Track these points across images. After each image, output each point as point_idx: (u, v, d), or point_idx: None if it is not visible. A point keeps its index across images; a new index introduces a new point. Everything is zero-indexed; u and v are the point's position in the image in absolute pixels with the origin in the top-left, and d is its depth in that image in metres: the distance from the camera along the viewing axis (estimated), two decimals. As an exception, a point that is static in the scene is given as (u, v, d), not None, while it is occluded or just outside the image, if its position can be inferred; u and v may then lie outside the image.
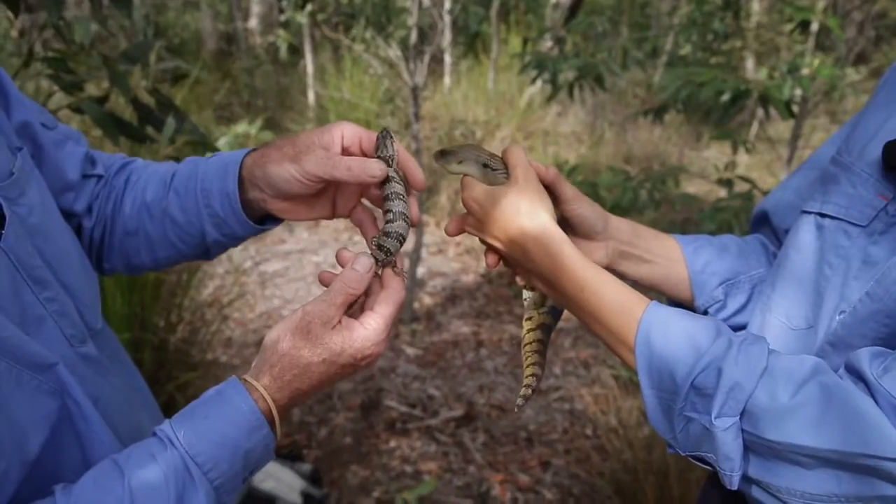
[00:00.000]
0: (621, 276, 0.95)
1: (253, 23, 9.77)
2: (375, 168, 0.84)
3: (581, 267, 0.82)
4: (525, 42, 7.59)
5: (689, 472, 2.24)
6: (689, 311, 0.79)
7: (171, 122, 1.49)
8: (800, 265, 0.85)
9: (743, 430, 0.70)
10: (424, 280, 4.52)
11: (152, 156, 1.57)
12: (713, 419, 0.70)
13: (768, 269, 1.00)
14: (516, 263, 0.90)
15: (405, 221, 0.86)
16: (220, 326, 3.11)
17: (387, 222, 0.86)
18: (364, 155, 0.88)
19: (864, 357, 0.69)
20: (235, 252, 4.61)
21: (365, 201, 0.96)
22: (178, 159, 1.29)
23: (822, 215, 0.83)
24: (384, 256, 0.84)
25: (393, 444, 2.95)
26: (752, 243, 1.03)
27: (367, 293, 0.84)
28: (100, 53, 1.40)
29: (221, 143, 2.47)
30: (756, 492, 0.74)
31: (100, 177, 0.99)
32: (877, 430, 0.64)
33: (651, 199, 2.57)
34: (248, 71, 7.41)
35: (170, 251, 0.99)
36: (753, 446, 0.70)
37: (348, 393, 3.30)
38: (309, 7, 3.66)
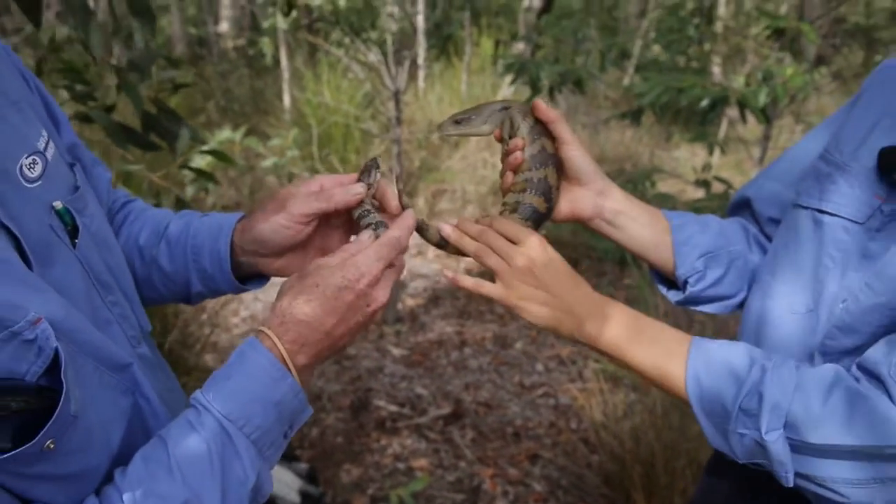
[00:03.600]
0: (609, 237, 1.06)
1: (224, 27, 9.73)
2: (357, 187, 0.90)
3: (620, 346, 0.92)
4: (497, 44, 7.70)
5: (675, 461, 2.34)
6: (722, 342, 0.89)
7: (185, 134, 1.54)
8: (799, 256, 0.94)
9: (788, 438, 0.81)
10: (406, 282, 4.58)
11: (166, 167, 1.62)
12: (763, 434, 0.82)
13: (746, 247, 1.10)
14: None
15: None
16: (212, 331, 3.15)
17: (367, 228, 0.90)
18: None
19: (880, 359, 0.80)
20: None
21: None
22: (199, 170, 1.34)
23: (821, 212, 0.92)
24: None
25: (384, 442, 3.01)
26: (733, 224, 1.13)
27: None
28: (112, 65, 1.45)
29: (205, 149, 2.51)
30: (804, 483, 0.84)
31: (109, 207, 1.05)
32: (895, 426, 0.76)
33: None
34: (223, 75, 7.40)
35: (152, 293, 1.05)
36: (799, 449, 0.82)
37: (338, 394, 3.35)
38: (293, 13, 3.70)
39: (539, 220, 1.00)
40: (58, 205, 0.78)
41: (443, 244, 0.99)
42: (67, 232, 0.79)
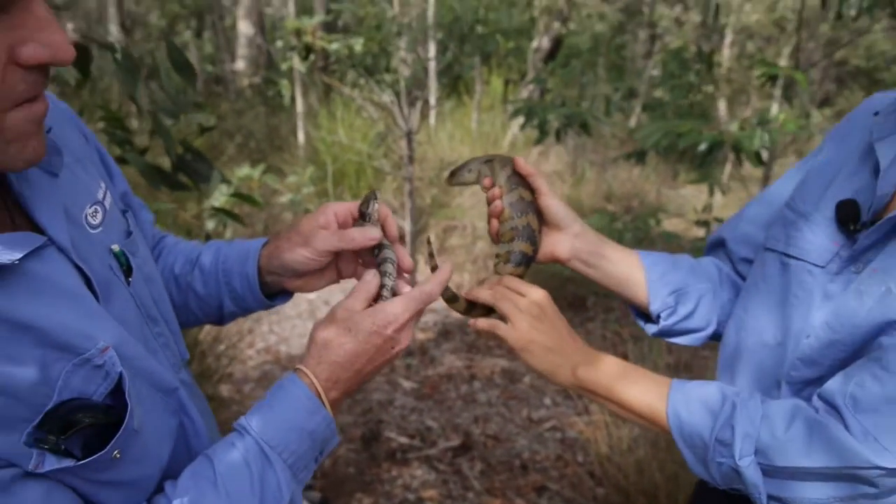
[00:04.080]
0: (587, 275, 1.18)
1: (240, 65, 9.98)
2: (374, 231, 1.01)
3: (609, 386, 1.04)
4: (507, 83, 7.88)
5: (677, 493, 2.40)
6: (698, 382, 1.01)
7: (216, 176, 1.66)
8: (769, 295, 1.05)
9: (759, 463, 0.92)
10: (416, 315, 4.68)
11: (198, 206, 1.73)
12: (737, 461, 0.92)
13: (717, 285, 1.21)
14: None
15: (392, 274, 1.00)
16: (229, 363, 3.24)
17: (382, 266, 1.01)
18: (353, 219, 1.05)
19: (836, 390, 0.90)
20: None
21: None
22: (230, 213, 1.46)
23: (787, 255, 1.03)
24: (386, 293, 0.99)
25: (394, 472, 3.08)
26: (706, 264, 1.24)
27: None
28: (149, 111, 1.57)
29: (232, 192, 2.63)
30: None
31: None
32: (850, 450, 0.86)
33: (634, 237, 2.77)
34: (239, 113, 7.60)
35: (188, 317, 1.16)
36: (769, 472, 0.92)
37: (350, 425, 3.43)
38: (311, 57, 3.88)
39: (529, 262, 1.13)
40: (115, 248, 0.89)
41: (453, 300, 1.11)
42: (122, 271, 0.90)
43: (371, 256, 1.05)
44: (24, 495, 0.68)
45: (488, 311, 1.12)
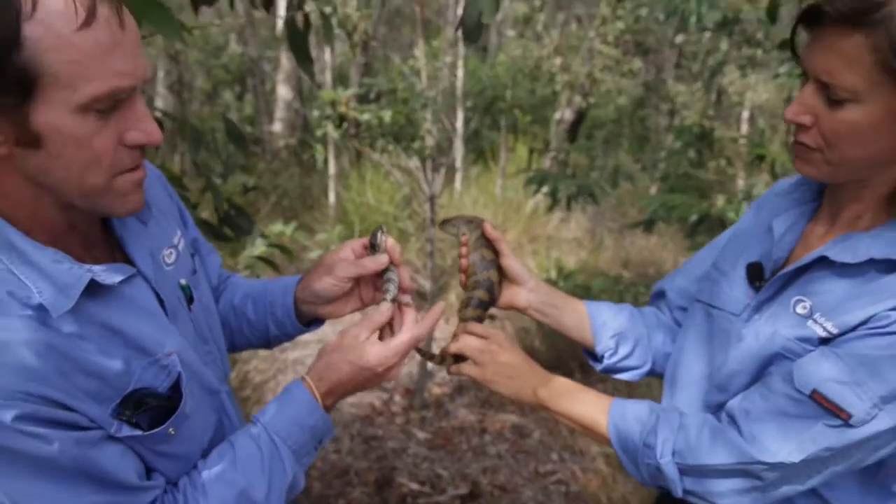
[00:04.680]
0: (541, 322, 1.42)
1: (277, 127, 10.46)
2: (383, 258, 1.25)
3: (562, 403, 1.27)
4: (531, 152, 8.21)
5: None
6: (633, 400, 1.24)
7: (256, 231, 1.93)
8: (697, 337, 1.29)
9: (676, 463, 1.14)
10: (434, 372, 4.86)
11: (233, 257, 1.99)
12: (658, 459, 1.15)
13: (653, 330, 1.44)
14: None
15: (396, 287, 1.24)
16: (253, 406, 3.46)
17: (387, 285, 1.25)
18: (364, 249, 1.29)
19: (734, 404, 1.15)
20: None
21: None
22: (265, 259, 1.71)
23: (711, 306, 1.27)
24: (391, 301, 1.22)
25: (404, 517, 3.24)
26: (646, 312, 1.47)
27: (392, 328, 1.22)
28: (203, 173, 1.85)
29: (260, 242, 2.91)
30: (693, 498, 1.16)
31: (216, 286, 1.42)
32: (741, 449, 1.09)
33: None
34: (275, 172, 8.00)
35: (242, 340, 1.42)
36: (684, 471, 1.14)
37: (364, 470, 3.60)
38: (344, 125, 4.22)
39: (486, 306, 1.37)
40: (183, 282, 1.15)
41: (430, 357, 1.36)
42: (186, 300, 1.15)
43: (381, 276, 1.29)
44: (108, 450, 0.93)
45: (459, 358, 1.35)
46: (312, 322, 1.37)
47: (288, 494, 1.09)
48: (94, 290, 0.94)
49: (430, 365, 4.79)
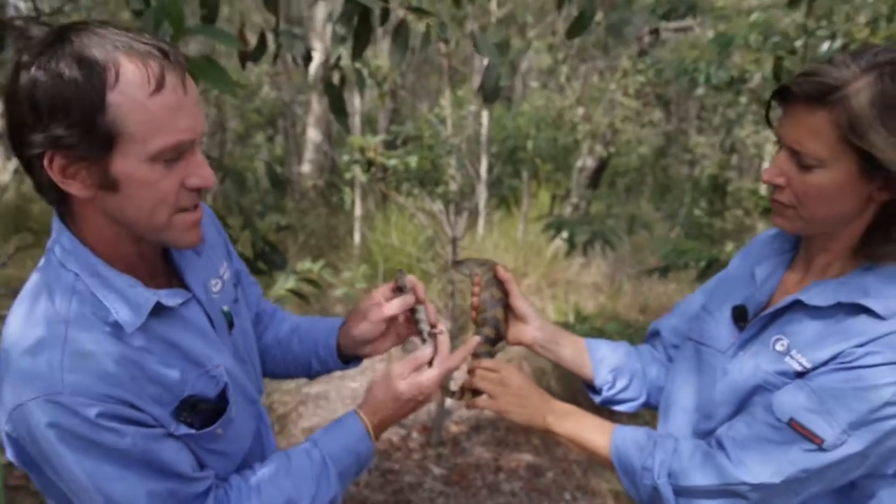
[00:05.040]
0: (546, 357, 1.56)
1: (306, 168, 10.76)
2: (409, 298, 1.42)
3: (569, 430, 1.41)
4: (553, 198, 8.39)
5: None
6: (633, 427, 1.38)
7: (288, 267, 2.10)
8: (688, 372, 1.42)
9: (671, 484, 1.28)
10: (452, 411, 4.97)
11: (276, 289, 2.17)
12: (656, 480, 1.29)
13: (649, 366, 1.57)
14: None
15: (426, 323, 1.40)
16: (275, 438, 3.60)
17: (420, 325, 1.41)
18: (392, 292, 1.45)
19: (722, 432, 1.28)
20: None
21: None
22: (295, 292, 1.88)
23: (701, 344, 1.41)
24: (426, 337, 1.39)
25: (418, 549, 3.33)
26: (642, 349, 1.61)
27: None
28: (243, 210, 2.03)
29: (286, 278, 3.09)
30: None
31: (258, 314, 1.58)
32: (727, 472, 1.22)
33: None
34: (303, 212, 8.25)
35: (283, 370, 1.58)
36: (678, 491, 1.28)
37: (380, 503, 3.70)
38: (372, 169, 4.44)
39: (494, 342, 1.52)
40: (225, 308, 1.32)
41: (451, 395, 1.50)
42: (228, 324, 1.31)
43: (411, 314, 1.45)
44: (168, 445, 1.10)
45: (476, 392, 1.49)
46: (352, 360, 1.53)
47: None
48: (158, 310, 1.12)
49: (447, 402, 4.91)
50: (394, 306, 1.41)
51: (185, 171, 1.08)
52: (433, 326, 1.40)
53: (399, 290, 1.43)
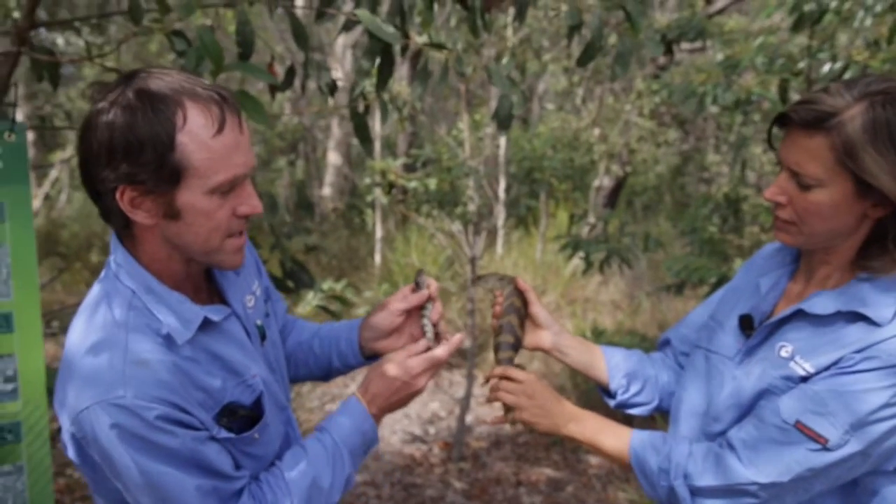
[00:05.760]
0: (563, 361, 1.65)
1: (327, 191, 10.94)
2: (424, 292, 1.51)
3: (590, 436, 1.50)
4: (571, 217, 8.48)
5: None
6: (650, 431, 1.46)
7: (317, 286, 2.21)
8: (697, 378, 1.51)
9: (687, 484, 1.36)
10: (472, 427, 5.04)
11: (303, 306, 2.28)
12: (672, 481, 1.37)
13: (661, 372, 1.66)
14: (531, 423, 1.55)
15: (432, 324, 1.50)
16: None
17: (424, 321, 1.51)
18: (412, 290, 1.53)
19: (732, 434, 1.36)
20: (304, 391, 5.26)
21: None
22: (325, 308, 1.98)
23: (710, 351, 1.50)
24: (426, 331, 1.49)
25: (441, 561, 3.40)
26: (654, 357, 1.70)
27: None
28: (273, 231, 2.15)
29: (312, 296, 3.21)
30: None
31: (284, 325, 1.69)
32: (739, 472, 1.31)
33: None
34: (324, 234, 8.40)
35: (305, 371, 1.67)
36: (693, 491, 1.36)
37: (404, 517, 3.78)
38: (393, 192, 4.57)
39: (511, 347, 1.59)
40: (258, 322, 1.43)
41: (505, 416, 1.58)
42: (261, 337, 1.42)
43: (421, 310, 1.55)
44: (212, 447, 1.20)
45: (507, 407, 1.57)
46: (371, 357, 1.62)
47: (345, 487, 1.35)
48: (204, 325, 1.24)
49: (468, 419, 4.99)
50: (410, 299, 1.51)
51: (237, 201, 1.20)
52: (435, 325, 1.50)
53: (417, 286, 1.53)
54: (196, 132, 1.12)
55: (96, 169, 1.13)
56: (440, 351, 1.44)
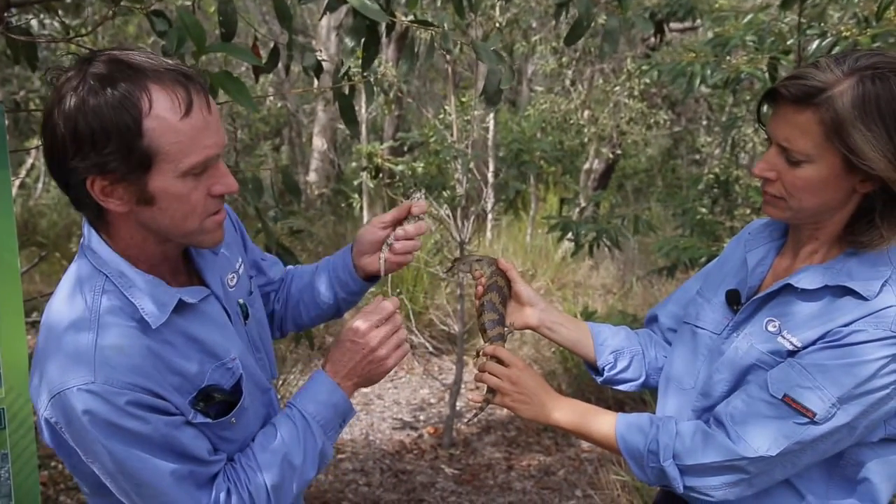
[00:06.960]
0: (550, 338, 1.62)
1: (313, 177, 10.86)
2: (405, 204, 1.47)
3: (575, 422, 1.48)
4: (562, 201, 8.44)
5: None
6: (636, 414, 1.44)
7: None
8: (684, 353, 1.49)
9: (676, 464, 1.34)
10: (462, 412, 5.02)
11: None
12: (661, 462, 1.35)
13: (648, 348, 1.63)
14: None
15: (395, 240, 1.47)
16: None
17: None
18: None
19: (720, 410, 1.34)
20: (290, 379, 5.23)
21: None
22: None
23: (697, 327, 1.48)
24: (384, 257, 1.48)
25: (432, 546, 3.39)
26: (641, 333, 1.68)
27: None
28: (259, 214, 2.10)
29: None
30: (692, 493, 1.36)
31: (282, 279, 1.66)
32: (728, 448, 1.29)
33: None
34: (310, 220, 8.34)
35: (317, 311, 1.63)
36: (683, 470, 1.34)
37: (393, 502, 3.77)
38: (380, 176, 4.52)
39: (501, 324, 1.57)
40: (241, 301, 1.39)
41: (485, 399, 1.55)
42: (243, 316, 1.38)
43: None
44: (187, 432, 1.18)
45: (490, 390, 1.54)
46: (368, 279, 1.58)
47: (320, 462, 1.32)
48: (179, 307, 1.20)
49: (458, 405, 4.97)
50: (392, 212, 1.48)
51: (211, 181, 1.17)
52: (411, 213, 1.48)
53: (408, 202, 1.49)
54: (163, 116, 1.08)
55: (63, 159, 1.10)
56: (386, 302, 1.37)
